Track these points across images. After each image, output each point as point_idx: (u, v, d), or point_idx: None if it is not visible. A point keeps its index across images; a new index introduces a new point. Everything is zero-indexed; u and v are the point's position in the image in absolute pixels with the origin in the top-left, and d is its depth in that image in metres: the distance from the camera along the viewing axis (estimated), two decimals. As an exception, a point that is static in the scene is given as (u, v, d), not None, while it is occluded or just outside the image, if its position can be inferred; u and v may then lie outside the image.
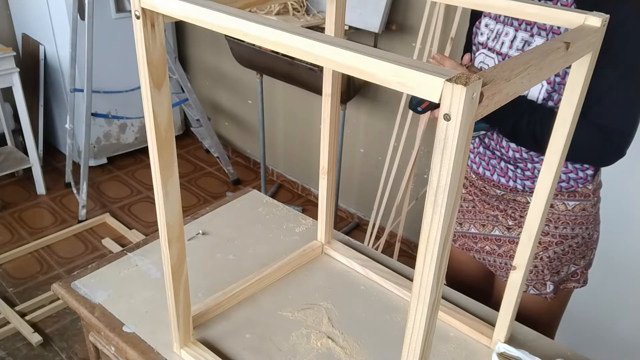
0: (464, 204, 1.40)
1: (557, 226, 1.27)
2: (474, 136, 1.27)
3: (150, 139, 0.80)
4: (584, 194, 1.25)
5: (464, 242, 1.42)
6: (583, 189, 1.25)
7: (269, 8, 2.47)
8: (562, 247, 1.28)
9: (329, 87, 1.08)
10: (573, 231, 1.27)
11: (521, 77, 0.56)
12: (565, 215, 1.26)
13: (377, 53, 0.53)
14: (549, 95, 1.14)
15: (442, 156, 0.52)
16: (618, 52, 1.03)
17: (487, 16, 1.24)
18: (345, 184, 2.92)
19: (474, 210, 1.37)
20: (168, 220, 0.87)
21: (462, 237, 1.41)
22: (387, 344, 1.07)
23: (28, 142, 2.95)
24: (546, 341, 1.09)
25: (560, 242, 1.27)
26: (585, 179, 1.24)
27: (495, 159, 1.28)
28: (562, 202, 1.25)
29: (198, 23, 0.66)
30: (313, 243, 1.30)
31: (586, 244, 1.30)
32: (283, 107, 3.12)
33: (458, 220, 1.41)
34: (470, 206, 1.38)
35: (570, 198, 1.25)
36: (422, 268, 0.58)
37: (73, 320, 2.23)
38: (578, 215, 1.26)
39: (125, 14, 3.01)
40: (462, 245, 1.42)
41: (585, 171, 1.23)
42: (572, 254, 1.29)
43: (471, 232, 1.39)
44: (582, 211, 1.26)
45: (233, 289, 1.14)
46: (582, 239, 1.28)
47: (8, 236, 2.74)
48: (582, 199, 1.25)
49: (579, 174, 1.23)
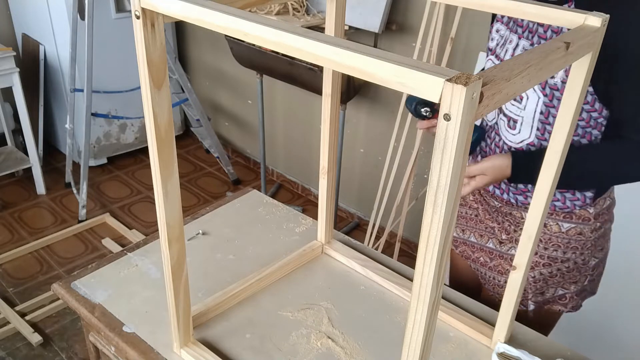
0: (469, 211, 1.37)
1: (547, 247, 1.20)
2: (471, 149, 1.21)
3: (150, 139, 0.80)
4: (583, 217, 1.17)
5: (464, 249, 1.39)
6: (581, 211, 1.17)
7: (269, 8, 2.47)
8: (550, 270, 1.22)
9: (329, 87, 1.08)
10: (564, 255, 1.20)
11: (521, 77, 0.56)
12: (558, 237, 1.19)
13: (377, 53, 0.53)
14: (547, 109, 1.09)
15: (442, 156, 0.52)
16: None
17: (500, 21, 1.18)
18: (345, 184, 2.92)
19: (476, 219, 1.35)
20: (168, 220, 0.87)
21: (463, 244, 1.39)
22: (387, 344, 1.07)
23: (28, 142, 2.95)
24: (546, 341, 1.09)
25: (549, 265, 1.21)
26: (583, 201, 1.16)
27: None
28: (556, 223, 1.19)
29: (198, 23, 0.66)
30: (313, 243, 1.30)
31: (579, 270, 1.22)
32: (283, 107, 3.12)
33: (461, 226, 1.39)
34: (474, 214, 1.35)
35: (566, 219, 1.18)
36: (422, 268, 0.58)
37: (73, 320, 2.23)
38: (572, 239, 1.19)
39: (125, 14, 3.01)
40: (462, 252, 1.40)
41: (584, 193, 1.16)
42: (561, 278, 1.23)
43: (471, 241, 1.36)
44: (577, 235, 1.18)
45: (233, 289, 1.14)
46: (574, 264, 1.21)
47: (8, 236, 2.74)
48: (580, 222, 1.18)
49: (577, 194, 1.16)
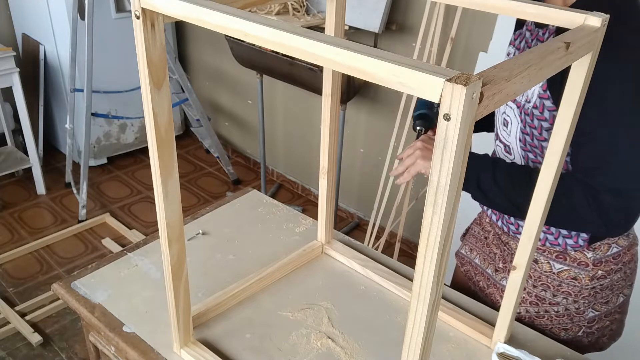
0: (482, 232, 1.32)
1: (536, 285, 1.13)
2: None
3: (150, 139, 0.80)
4: (578, 261, 1.08)
5: (468, 269, 1.35)
6: (576, 253, 1.08)
7: (269, 8, 2.47)
8: (537, 309, 1.14)
9: (329, 87, 1.08)
10: (554, 297, 1.11)
11: (521, 77, 0.56)
12: (548, 277, 1.11)
13: (377, 53, 0.53)
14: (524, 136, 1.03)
15: (442, 156, 0.52)
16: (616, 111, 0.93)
17: (512, 44, 1.12)
18: (345, 184, 2.92)
19: (484, 242, 1.30)
20: (168, 220, 0.87)
21: (468, 263, 1.35)
22: (387, 344, 1.07)
23: (28, 142, 2.95)
24: (546, 341, 1.09)
25: (536, 304, 1.14)
26: (575, 241, 1.06)
27: None
28: (547, 261, 1.10)
29: (198, 23, 0.66)
30: (313, 243, 1.30)
31: (570, 317, 1.12)
32: (283, 107, 3.12)
33: (470, 245, 1.35)
34: (484, 236, 1.31)
35: (559, 259, 1.09)
36: (422, 268, 0.58)
37: (73, 320, 2.23)
38: (564, 282, 1.09)
39: (125, 14, 3.01)
40: (466, 272, 1.36)
41: (578, 233, 1.06)
42: (549, 321, 1.14)
43: (475, 262, 1.33)
44: (571, 280, 1.08)
45: (233, 289, 1.14)
46: (564, 309, 1.11)
47: (8, 236, 2.74)
48: (574, 266, 1.08)
49: (572, 233, 1.06)
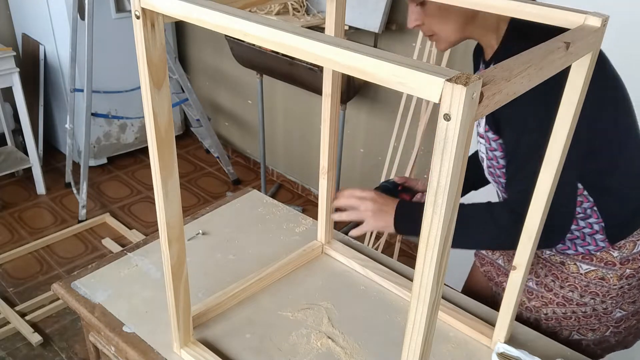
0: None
1: (563, 286, 1.13)
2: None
3: (150, 139, 0.80)
4: (605, 261, 1.08)
5: (489, 269, 1.33)
6: (602, 254, 1.08)
7: (269, 8, 2.47)
8: (564, 310, 1.14)
9: (329, 87, 1.08)
10: (581, 298, 1.11)
11: (521, 77, 0.56)
12: (575, 278, 1.11)
13: (377, 53, 0.53)
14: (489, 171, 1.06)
15: (442, 156, 0.52)
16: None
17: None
18: (345, 184, 2.92)
19: None
20: (168, 220, 0.87)
21: (489, 264, 1.33)
22: (387, 344, 1.07)
23: (28, 142, 2.95)
24: (546, 341, 1.09)
25: (563, 304, 1.14)
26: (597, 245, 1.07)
27: None
28: (574, 263, 1.10)
29: (198, 23, 0.66)
30: (313, 243, 1.30)
31: (598, 318, 1.12)
32: (283, 107, 3.12)
33: None
34: None
35: (585, 260, 1.09)
36: (422, 268, 0.58)
37: (73, 320, 2.23)
38: (592, 283, 1.09)
39: (125, 14, 3.01)
40: (486, 272, 1.35)
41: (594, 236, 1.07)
42: (576, 322, 1.14)
43: (498, 263, 1.30)
44: (599, 280, 1.09)
45: (233, 289, 1.14)
46: (592, 310, 1.11)
47: (8, 236, 2.74)
48: (602, 266, 1.08)
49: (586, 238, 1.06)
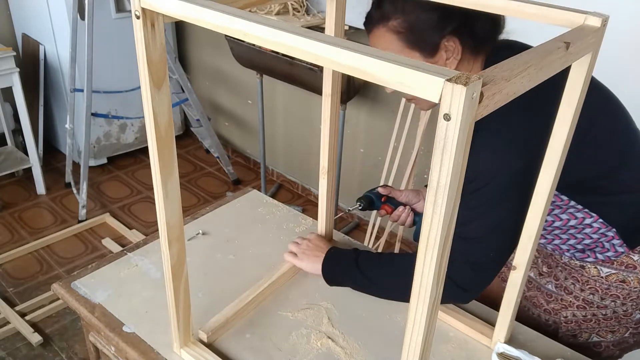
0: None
1: (584, 289, 1.12)
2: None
3: (150, 139, 0.80)
4: (626, 264, 1.08)
5: (504, 271, 1.33)
6: (623, 257, 1.08)
7: (269, 8, 2.47)
8: (584, 313, 1.14)
9: (329, 87, 1.08)
10: (602, 301, 1.11)
11: (521, 77, 0.56)
12: (596, 282, 1.11)
13: (377, 53, 0.53)
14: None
15: (442, 156, 0.52)
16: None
17: None
18: (345, 184, 2.92)
19: None
20: (168, 220, 0.87)
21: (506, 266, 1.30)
22: (387, 344, 1.07)
23: (28, 142, 2.95)
24: (546, 341, 1.09)
25: (583, 307, 1.14)
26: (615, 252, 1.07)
27: None
28: (595, 267, 1.10)
29: (198, 23, 0.66)
30: (313, 243, 1.30)
31: (618, 320, 1.13)
32: (283, 107, 3.12)
33: None
34: None
35: (605, 264, 1.09)
36: (422, 268, 0.58)
37: (73, 320, 2.23)
38: (612, 286, 1.09)
39: (125, 14, 3.01)
40: (500, 274, 1.34)
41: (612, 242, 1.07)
42: (596, 324, 1.14)
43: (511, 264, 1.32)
44: (619, 283, 1.09)
45: (248, 296, 1.13)
46: (612, 312, 1.12)
47: (8, 236, 2.74)
48: (622, 269, 1.08)
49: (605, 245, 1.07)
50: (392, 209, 1.34)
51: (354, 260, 1.12)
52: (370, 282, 1.10)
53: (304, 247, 1.23)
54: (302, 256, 1.21)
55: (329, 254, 1.18)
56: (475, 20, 0.95)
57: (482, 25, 0.98)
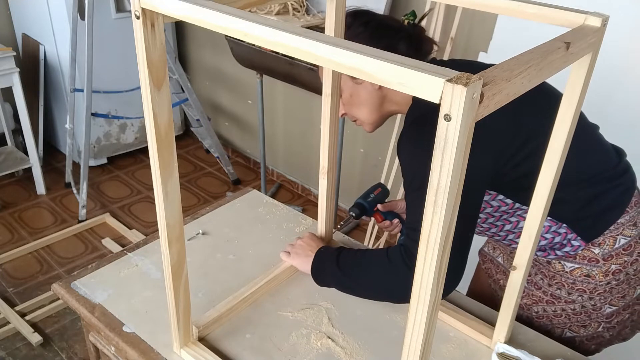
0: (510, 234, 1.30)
1: (551, 284, 1.13)
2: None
3: (150, 139, 0.80)
4: (588, 258, 1.08)
5: (489, 267, 1.35)
6: (584, 252, 1.08)
7: (269, 8, 2.47)
8: (554, 308, 1.14)
9: (329, 87, 1.08)
10: (569, 296, 1.12)
11: (521, 77, 0.56)
12: (562, 276, 1.11)
13: (377, 53, 0.53)
14: None
15: (442, 156, 0.52)
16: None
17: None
18: (345, 184, 2.92)
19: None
20: (168, 220, 0.87)
21: (490, 261, 1.34)
22: (387, 344, 1.07)
23: (28, 142, 2.95)
24: (546, 341, 1.09)
25: (552, 302, 1.14)
26: (572, 247, 1.08)
27: None
28: (559, 262, 1.11)
29: (198, 23, 0.66)
30: (313, 243, 1.30)
31: (587, 315, 1.13)
32: (283, 107, 3.12)
33: (493, 244, 1.34)
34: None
35: (569, 259, 1.10)
36: (422, 268, 0.58)
37: (73, 320, 2.23)
38: (578, 281, 1.10)
39: (125, 14, 3.01)
40: (487, 269, 1.36)
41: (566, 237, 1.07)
42: (567, 319, 1.15)
43: (497, 261, 1.32)
44: (584, 277, 1.09)
45: (243, 293, 1.14)
46: (581, 307, 1.12)
47: (8, 236, 2.74)
48: (585, 263, 1.09)
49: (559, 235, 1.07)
50: (382, 218, 1.38)
51: (335, 258, 1.13)
52: (350, 280, 1.11)
53: (297, 246, 1.23)
54: (294, 255, 1.22)
55: (318, 253, 1.18)
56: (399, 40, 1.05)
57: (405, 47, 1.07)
